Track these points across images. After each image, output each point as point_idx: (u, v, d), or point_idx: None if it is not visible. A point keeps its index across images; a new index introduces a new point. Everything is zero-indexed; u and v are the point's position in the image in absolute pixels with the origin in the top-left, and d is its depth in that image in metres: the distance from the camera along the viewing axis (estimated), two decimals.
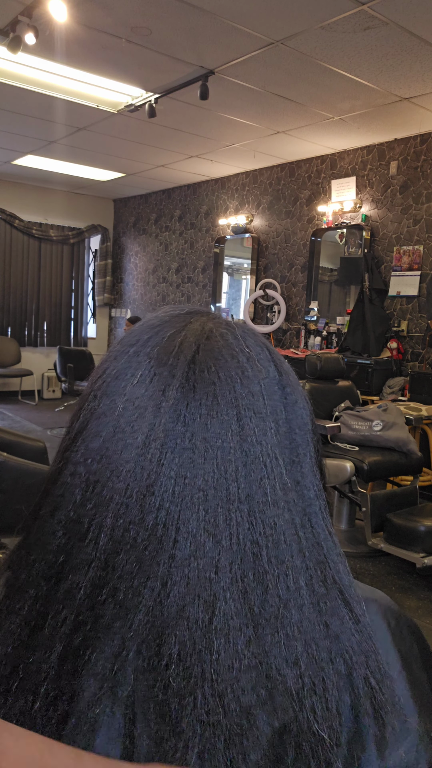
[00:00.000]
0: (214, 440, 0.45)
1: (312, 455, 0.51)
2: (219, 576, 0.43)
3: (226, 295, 7.44)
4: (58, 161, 6.72)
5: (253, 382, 0.48)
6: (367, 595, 0.53)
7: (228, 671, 0.41)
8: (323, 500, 0.50)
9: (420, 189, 5.02)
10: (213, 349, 0.49)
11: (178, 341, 0.49)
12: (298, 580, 0.45)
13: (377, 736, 0.45)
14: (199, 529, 0.44)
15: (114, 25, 3.46)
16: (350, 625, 0.46)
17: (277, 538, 0.45)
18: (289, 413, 0.50)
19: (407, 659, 0.51)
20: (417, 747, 0.47)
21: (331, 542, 0.49)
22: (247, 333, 0.52)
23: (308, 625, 0.44)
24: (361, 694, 0.45)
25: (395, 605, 0.55)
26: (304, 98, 4.39)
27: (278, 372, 0.51)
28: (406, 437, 3.55)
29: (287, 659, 0.42)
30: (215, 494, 0.44)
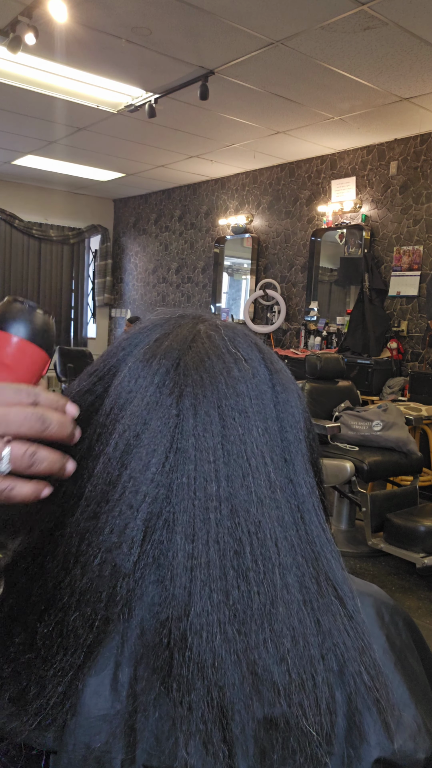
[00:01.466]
0: (195, 440, 0.46)
1: (305, 453, 0.51)
2: (194, 574, 0.43)
3: (226, 296, 7.44)
4: (58, 161, 6.72)
5: (239, 382, 0.48)
6: (361, 589, 0.53)
7: (206, 667, 0.41)
8: (317, 497, 0.50)
9: (420, 189, 5.02)
10: (199, 350, 0.49)
11: (166, 344, 0.50)
12: (286, 577, 0.45)
13: (374, 730, 0.45)
14: (176, 528, 0.44)
15: (114, 25, 3.46)
16: (343, 621, 0.46)
17: (262, 536, 0.45)
18: (281, 412, 0.50)
19: (402, 652, 0.51)
20: (414, 738, 0.47)
21: (325, 539, 0.49)
22: (237, 334, 0.52)
23: (297, 622, 0.44)
24: (354, 690, 0.45)
25: (390, 599, 0.55)
26: (304, 98, 4.39)
27: (269, 371, 0.51)
28: (406, 437, 3.55)
29: (274, 655, 0.43)
30: (192, 494, 0.45)
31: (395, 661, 0.50)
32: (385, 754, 0.45)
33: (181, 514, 0.44)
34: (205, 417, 0.46)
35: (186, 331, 0.51)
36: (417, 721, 0.48)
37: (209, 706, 0.41)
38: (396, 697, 0.48)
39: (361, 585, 0.54)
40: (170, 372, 0.48)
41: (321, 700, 0.43)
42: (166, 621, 0.43)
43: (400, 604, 0.56)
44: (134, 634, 0.43)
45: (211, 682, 0.41)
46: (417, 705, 0.49)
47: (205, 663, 0.41)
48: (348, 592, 0.48)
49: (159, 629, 0.43)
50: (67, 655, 0.42)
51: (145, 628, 0.43)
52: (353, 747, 0.44)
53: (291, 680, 0.42)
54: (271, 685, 0.42)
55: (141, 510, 0.44)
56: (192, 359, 0.49)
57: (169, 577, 0.43)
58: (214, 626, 0.42)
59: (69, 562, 0.45)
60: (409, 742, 0.46)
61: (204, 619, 0.42)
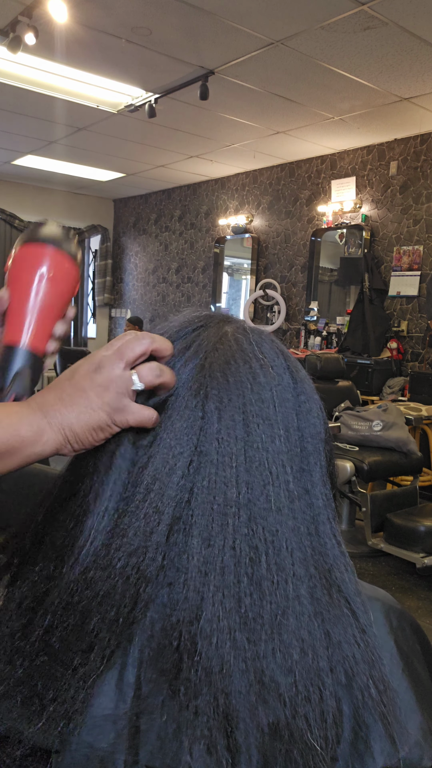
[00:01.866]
0: (219, 444, 0.45)
1: (323, 464, 0.50)
2: (208, 578, 0.43)
3: (226, 296, 7.44)
4: (58, 161, 6.72)
5: (264, 389, 0.48)
6: (369, 594, 0.53)
7: (214, 673, 0.41)
8: (332, 510, 0.50)
9: (420, 189, 5.02)
10: (225, 352, 0.49)
11: (195, 345, 0.50)
12: (298, 588, 0.44)
13: (380, 739, 0.45)
14: (193, 531, 0.44)
15: (114, 25, 3.46)
16: (354, 633, 0.46)
17: (278, 545, 0.45)
18: (302, 421, 0.50)
19: (409, 658, 0.51)
20: (420, 745, 0.47)
21: (339, 552, 0.49)
22: (264, 339, 0.52)
23: (306, 634, 0.44)
24: (362, 703, 0.44)
25: (398, 604, 0.54)
26: (304, 98, 4.39)
27: (293, 380, 0.51)
28: (406, 437, 3.55)
29: (282, 666, 0.42)
30: (212, 498, 0.44)
31: (403, 667, 0.49)
32: (390, 762, 0.45)
33: (200, 518, 0.44)
34: (229, 422, 0.46)
35: (212, 332, 0.51)
36: (423, 728, 0.47)
37: (215, 712, 0.40)
38: (402, 703, 0.47)
39: (369, 590, 0.54)
40: (195, 373, 0.48)
41: (327, 714, 0.42)
42: (177, 624, 0.42)
43: (400, 604, 0.56)
44: (144, 635, 0.43)
45: (217, 688, 0.41)
46: (423, 712, 0.48)
47: (213, 669, 0.41)
48: (360, 605, 0.48)
49: (169, 632, 0.42)
50: (89, 660, 0.42)
51: (155, 630, 0.43)
52: (358, 756, 0.44)
53: (297, 692, 0.42)
54: (277, 696, 0.42)
55: (166, 514, 0.44)
56: (218, 361, 0.48)
57: (183, 581, 0.43)
58: (224, 632, 0.42)
59: (89, 563, 0.44)
60: (415, 750, 0.46)
61: (215, 624, 0.42)
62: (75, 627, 0.43)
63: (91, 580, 0.44)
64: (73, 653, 0.42)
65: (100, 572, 0.44)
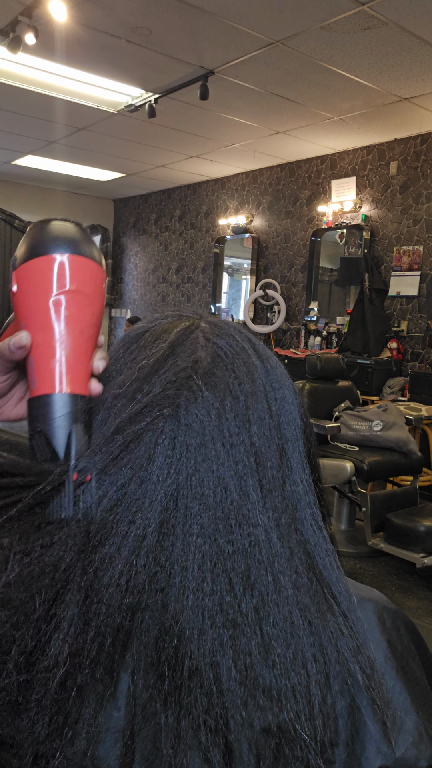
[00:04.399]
0: (190, 445, 0.45)
1: (301, 450, 0.50)
2: (186, 577, 0.42)
3: (226, 295, 7.44)
4: (58, 161, 6.72)
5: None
6: (363, 594, 0.53)
7: (202, 674, 0.41)
8: (313, 495, 0.50)
9: (420, 189, 5.02)
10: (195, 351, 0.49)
11: (160, 346, 0.49)
12: (279, 579, 0.44)
13: (375, 739, 0.45)
14: (176, 531, 0.44)
15: (114, 25, 3.46)
16: (338, 620, 0.46)
17: (256, 538, 0.44)
18: (277, 409, 0.49)
19: (404, 657, 0.51)
20: (416, 745, 0.46)
21: (320, 537, 0.48)
22: (232, 331, 0.52)
23: (289, 624, 0.43)
24: (350, 692, 0.44)
25: (391, 603, 0.54)
26: (304, 98, 4.39)
27: (265, 368, 0.50)
28: (406, 437, 3.55)
29: (266, 659, 0.42)
30: (185, 493, 0.44)
31: (397, 668, 0.49)
32: (386, 762, 0.45)
33: (181, 519, 0.44)
34: (205, 416, 0.46)
35: (180, 332, 0.51)
36: (419, 729, 0.47)
37: (207, 714, 0.40)
38: (398, 704, 0.47)
39: (363, 590, 0.54)
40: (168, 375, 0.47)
41: (313, 703, 0.42)
42: (164, 627, 0.42)
43: (400, 604, 0.56)
44: (137, 642, 0.43)
45: (209, 689, 0.41)
46: (419, 712, 0.48)
47: (202, 672, 0.41)
48: (343, 590, 0.47)
49: (159, 636, 0.42)
50: (94, 671, 0.41)
51: (148, 635, 0.42)
52: (354, 756, 0.44)
53: (282, 684, 0.42)
54: (264, 690, 0.41)
55: (153, 519, 0.43)
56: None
57: (165, 581, 0.43)
58: (207, 632, 0.42)
59: (90, 562, 0.43)
60: (411, 750, 0.46)
61: (198, 625, 0.42)
62: (79, 634, 0.42)
63: (92, 580, 0.43)
64: (79, 661, 0.42)
65: (101, 574, 0.43)
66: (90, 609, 0.42)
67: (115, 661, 0.42)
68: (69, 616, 0.42)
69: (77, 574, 0.43)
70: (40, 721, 0.41)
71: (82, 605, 0.42)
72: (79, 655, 0.41)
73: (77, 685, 0.41)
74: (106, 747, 0.41)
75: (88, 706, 0.41)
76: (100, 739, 0.41)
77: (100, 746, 0.41)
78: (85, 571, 0.42)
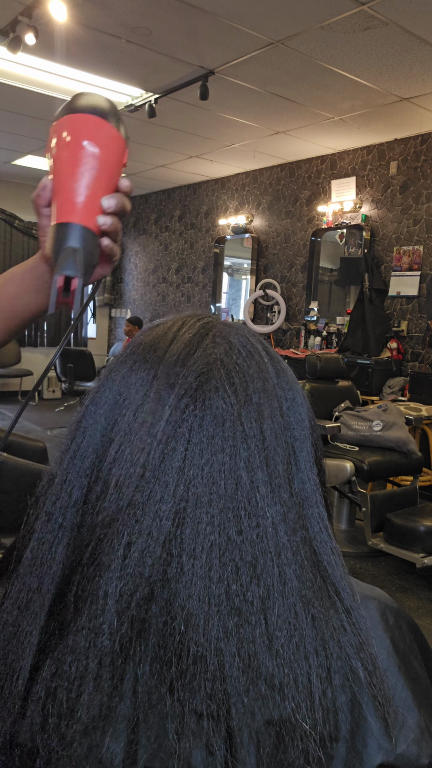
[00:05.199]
0: (207, 436, 0.46)
1: (309, 450, 0.51)
2: (194, 566, 0.43)
3: (226, 295, 7.44)
4: None
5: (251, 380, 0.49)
6: (366, 593, 0.53)
7: (207, 663, 0.41)
8: (320, 494, 0.51)
9: (420, 189, 5.02)
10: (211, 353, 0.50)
11: (175, 344, 0.50)
12: (284, 572, 0.45)
13: (376, 735, 0.45)
14: (186, 521, 0.44)
15: (114, 25, 3.46)
16: (340, 617, 0.46)
17: (264, 529, 0.45)
18: (287, 409, 0.50)
19: (406, 656, 0.51)
20: (418, 743, 0.47)
21: (326, 535, 0.49)
22: (245, 332, 0.53)
23: (293, 616, 0.44)
24: (351, 687, 0.45)
25: (394, 602, 0.55)
26: (304, 98, 4.39)
27: (275, 370, 0.52)
28: (406, 437, 3.55)
29: (269, 648, 0.43)
30: (196, 483, 0.45)
31: (399, 665, 0.50)
32: (387, 759, 0.45)
33: (192, 509, 0.45)
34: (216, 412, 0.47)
35: (194, 330, 0.52)
36: (420, 726, 0.47)
37: (210, 699, 0.41)
38: (399, 701, 0.48)
39: (366, 588, 0.54)
40: (179, 371, 0.49)
41: (314, 695, 0.43)
42: (173, 615, 0.43)
43: (400, 604, 0.56)
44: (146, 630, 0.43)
45: (212, 678, 0.41)
46: (420, 709, 0.48)
47: (207, 659, 0.41)
48: (346, 587, 0.48)
49: (165, 624, 0.43)
50: (101, 671, 0.42)
51: (153, 625, 0.43)
52: (355, 752, 0.44)
53: (285, 674, 0.42)
54: (266, 679, 0.42)
55: (168, 511, 0.44)
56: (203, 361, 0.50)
57: (175, 570, 0.43)
58: (213, 619, 0.42)
59: (100, 555, 0.44)
60: (412, 747, 0.46)
61: (204, 613, 0.42)
62: (90, 630, 0.43)
63: (104, 576, 0.44)
64: (86, 664, 0.42)
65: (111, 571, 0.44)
66: (111, 596, 0.43)
67: (126, 649, 0.42)
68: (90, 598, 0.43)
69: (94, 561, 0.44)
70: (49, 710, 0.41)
71: (100, 593, 0.43)
72: (103, 645, 0.42)
73: (89, 672, 0.41)
74: (107, 738, 0.41)
75: (97, 694, 0.41)
76: (102, 730, 0.41)
77: (100, 737, 0.41)
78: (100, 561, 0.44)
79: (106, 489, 0.46)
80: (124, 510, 0.45)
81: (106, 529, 0.45)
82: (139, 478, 0.45)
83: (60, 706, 0.41)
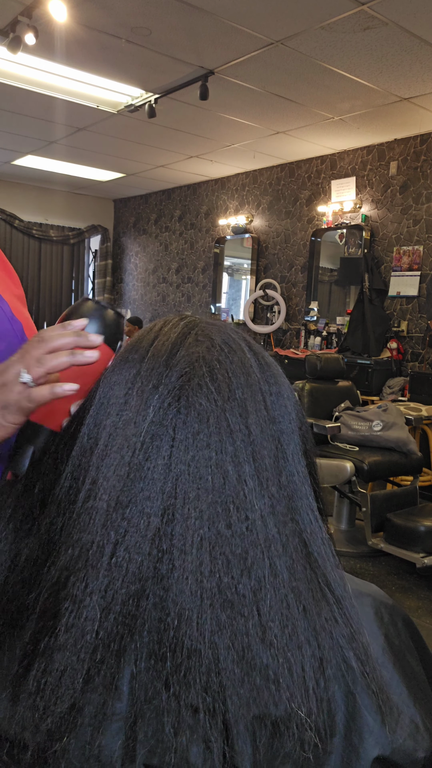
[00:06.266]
0: (191, 433, 0.47)
1: (297, 443, 0.51)
2: (185, 561, 0.43)
3: (226, 296, 7.44)
4: (58, 161, 6.72)
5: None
6: (360, 589, 0.53)
7: (202, 658, 0.42)
8: (309, 487, 0.51)
9: (420, 189, 5.02)
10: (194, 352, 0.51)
11: (157, 342, 0.51)
12: (275, 563, 0.45)
13: (373, 729, 0.45)
14: (176, 517, 0.45)
15: (114, 25, 3.46)
16: (332, 607, 0.46)
17: (253, 522, 0.45)
18: (272, 403, 0.51)
19: (401, 651, 0.51)
20: (414, 737, 0.47)
21: (317, 527, 0.49)
22: (228, 329, 0.54)
23: (285, 607, 0.44)
24: (344, 677, 0.45)
25: (389, 599, 0.55)
26: (304, 98, 4.39)
27: (259, 365, 0.52)
28: (406, 437, 3.55)
29: (262, 639, 0.43)
30: (184, 479, 0.45)
31: (394, 661, 0.50)
32: (384, 752, 0.45)
33: (180, 505, 0.45)
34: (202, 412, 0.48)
35: (179, 331, 0.53)
36: (416, 720, 0.48)
37: (206, 692, 0.41)
38: (395, 696, 0.48)
39: (360, 585, 0.54)
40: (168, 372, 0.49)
41: (308, 684, 0.43)
42: (166, 611, 0.43)
43: (400, 604, 0.56)
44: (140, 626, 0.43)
45: (207, 671, 0.41)
46: (416, 704, 0.49)
47: (201, 652, 0.42)
48: (337, 578, 0.48)
49: (160, 620, 0.43)
50: (90, 667, 0.42)
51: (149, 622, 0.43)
52: (352, 746, 0.44)
53: (279, 664, 0.42)
54: (261, 670, 0.42)
55: (156, 508, 0.45)
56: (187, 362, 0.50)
57: (167, 566, 0.44)
58: (206, 612, 0.42)
59: (98, 550, 0.45)
60: (408, 741, 0.46)
61: (197, 606, 0.43)
62: (79, 627, 0.43)
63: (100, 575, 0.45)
64: (81, 657, 0.43)
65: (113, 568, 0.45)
66: (97, 593, 0.43)
67: (122, 648, 0.42)
68: (79, 600, 0.43)
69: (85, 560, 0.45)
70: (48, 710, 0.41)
71: (92, 589, 0.44)
72: (88, 641, 0.42)
73: (85, 672, 0.42)
74: (105, 736, 0.41)
75: (94, 693, 0.42)
76: (101, 728, 0.41)
77: (99, 736, 0.41)
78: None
79: (95, 488, 0.46)
80: (112, 509, 0.45)
81: (95, 528, 0.45)
82: (125, 477, 0.46)
83: (48, 702, 0.41)
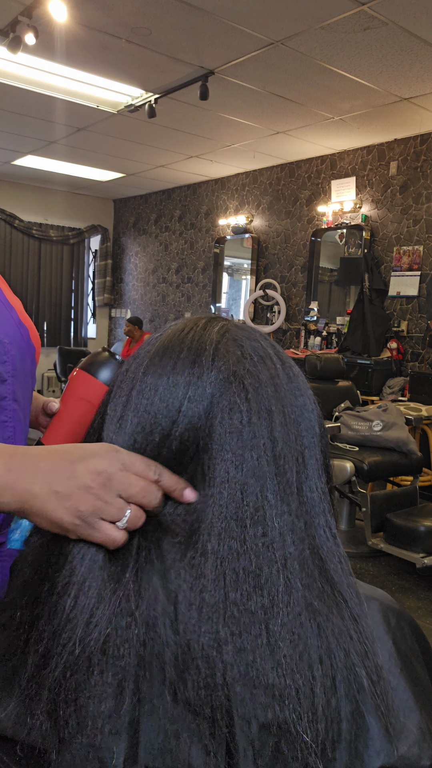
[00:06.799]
0: (225, 445, 0.46)
1: (318, 458, 0.51)
2: (196, 571, 0.43)
3: (226, 296, 7.43)
4: (58, 161, 6.72)
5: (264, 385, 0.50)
6: (368, 593, 0.53)
7: (210, 669, 0.41)
8: (327, 503, 0.50)
9: (420, 189, 5.02)
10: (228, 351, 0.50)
11: (197, 342, 0.50)
12: (290, 581, 0.44)
13: (378, 737, 0.45)
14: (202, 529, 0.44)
15: (114, 25, 3.46)
16: (347, 625, 0.46)
17: (271, 539, 0.45)
18: (297, 416, 0.50)
19: (408, 657, 0.51)
20: (419, 744, 0.46)
21: (333, 544, 0.49)
22: (258, 337, 0.53)
23: (298, 625, 0.44)
24: (355, 695, 0.44)
25: (396, 603, 0.54)
26: (304, 98, 4.39)
27: (287, 376, 0.51)
28: (406, 437, 3.55)
29: (272, 658, 0.42)
30: (206, 492, 0.45)
31: (401, 666, 0.49)
32: (389, 761, 0.45)
33: (193, 513, 0.45)
34: (236, 414, 0.47)
35: (212, 330, 0.52)
36: (422, 728, 0.47)
37: (211, 708, 0.41)
38: (401, 702, 0.47)
39: (368, 589, 0.54)
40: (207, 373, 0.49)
41: (317, 705, 0.42)
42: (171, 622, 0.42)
43: (400, 604, 0.56)
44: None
45: (214, 684, 0.41)
46: (422, 711, 0.48)
47: (199, 665, 0.41)
48: (353, 596, 0.48)
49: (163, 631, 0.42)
50: (104, 666, 0.42)
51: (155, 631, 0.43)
52: (356, 754, 0.44)
53: (286, 684, 0.42)
54: (266, 688, 0.42)
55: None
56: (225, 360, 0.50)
57: (177, 573, 0.44)
58: (206, 627, 0.42)
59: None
60: (413, 748, 0.46)
61: (194, 619, 0.42)
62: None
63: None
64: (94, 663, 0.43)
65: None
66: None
67: (125, 656, 0.42)
68: (83, 607, 0.43)
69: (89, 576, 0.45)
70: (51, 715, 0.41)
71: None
72: (89, 648, 0.42)
73: (89, 679, 0.42)
74: (108, 737, 0.41)
75: (96, 700, 0.41)
76: (104, 729, 0.41)
77: (101, 737, 0.41)
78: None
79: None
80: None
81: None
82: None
83: (63, 709, 0.41)
